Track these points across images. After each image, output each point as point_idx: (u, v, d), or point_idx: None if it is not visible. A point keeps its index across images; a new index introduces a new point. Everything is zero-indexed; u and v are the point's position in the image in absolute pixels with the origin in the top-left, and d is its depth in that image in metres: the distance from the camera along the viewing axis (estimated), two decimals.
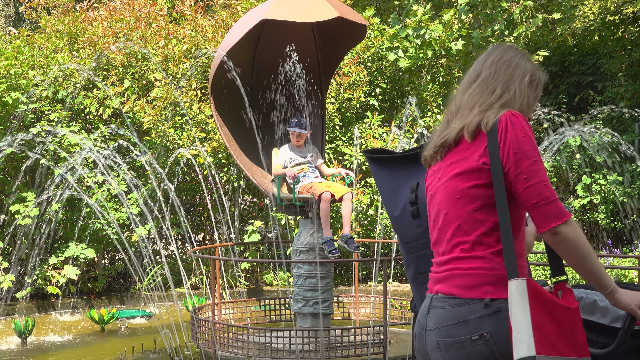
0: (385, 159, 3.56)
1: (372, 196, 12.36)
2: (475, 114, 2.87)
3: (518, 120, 2.80)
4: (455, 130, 2.90)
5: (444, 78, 13.70)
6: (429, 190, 3.06)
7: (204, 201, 13.15)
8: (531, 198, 2.76)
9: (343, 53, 8.85)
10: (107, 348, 9.54)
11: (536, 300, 2.69)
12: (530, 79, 2.98)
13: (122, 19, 12.94)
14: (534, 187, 2.75)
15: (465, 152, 2.88)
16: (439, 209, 2.96)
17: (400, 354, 7.82)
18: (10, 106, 11.63)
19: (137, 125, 12.21)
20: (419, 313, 2.98)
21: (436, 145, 2.97)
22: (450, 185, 2.90)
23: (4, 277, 11.02)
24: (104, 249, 12.73)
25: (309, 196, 7.88)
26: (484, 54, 3.06)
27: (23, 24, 24.23)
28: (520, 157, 2.76)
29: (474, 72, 3.02)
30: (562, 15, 12.64)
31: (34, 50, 12.54)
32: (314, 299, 7.91)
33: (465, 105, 2.94)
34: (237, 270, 12.24)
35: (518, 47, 3.26)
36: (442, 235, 2.94)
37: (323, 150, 8.63)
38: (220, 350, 7.64)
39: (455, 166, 2.90)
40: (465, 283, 2.82)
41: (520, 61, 3.00)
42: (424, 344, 2.91)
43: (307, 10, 7.52)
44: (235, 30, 7.89)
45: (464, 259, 2.85)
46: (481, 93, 2.93)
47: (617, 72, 13.58)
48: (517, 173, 2.76)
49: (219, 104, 8.18)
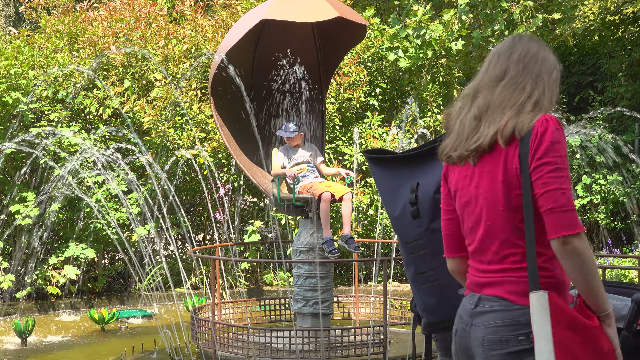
0: (385, 159, 3.55)
1: (372, 196, 12.36)
2: (509, 117, 2.80)
3: (550, 126, 2.74)
4: (489, 135, 2.82)
5: (444, 78, 13.70)
6: (460, 195, 2.98)
7: (204, 201, 13.15)
8: (547, 203, 2.71)
9: (343, 53, 8.84)
10: (107, 348, 9.54)
11: (558, 316, 2.68)
12: (556, 74, 2.93)
13: (122, 19, 12.94)
14: (551, 193, 2.71)
15: (500, 158, 2.82)
16: (478, 218, 2.90)
17: (400, 354, 7.82)
18: (10, 106, 11.63)
19: (137, 125, 12.21)
20: (463, 311, 2.94)
21: (469, 149, 2.88)
22: (490, 195, 2.85)
23: (3, 277, 11.02)
24: (104, 249, 12.73)
25: (309, 196, 7.88)
26: (504, 48, 2.97)
27: (23, 24, 24.23)
28: (543, 162, 2.72)
29: (500, 68, 2.92)
30: (562, 15, 12.64)
31: (34, 50, 12.54)
32: (314, 299, 7.91)
33: (495, 104, 2.86)
34: (237, 270, 12.24)
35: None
36: (486, 246, 2.89)
37: (323, 150, 8.63)
38: (220, 350, 7.64)
39: (492, 174, 2.84)
40: (520, 290, 2.79)
41: (546, 54, 2.93)
42: (468, 339, 2.88)
43: (307, 10, 7.51)
44: (235, 30, 7.88)
45: (516, 270, 2.81)
46: (512, 92, 2.85)
47: (617, 72, 13.58)
48: (536, 177, 2.73)
49: (219, 104, 8.17)
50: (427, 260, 3.38)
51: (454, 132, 2.97)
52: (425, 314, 3.45)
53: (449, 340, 3.50)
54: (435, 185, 3.33)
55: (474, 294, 2.92)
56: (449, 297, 3.36)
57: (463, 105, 2.97)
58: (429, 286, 3.40)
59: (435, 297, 3.39)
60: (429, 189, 3.35)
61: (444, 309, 3.38)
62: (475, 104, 2.92)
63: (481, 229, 2.90)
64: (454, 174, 3.03)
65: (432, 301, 3.40)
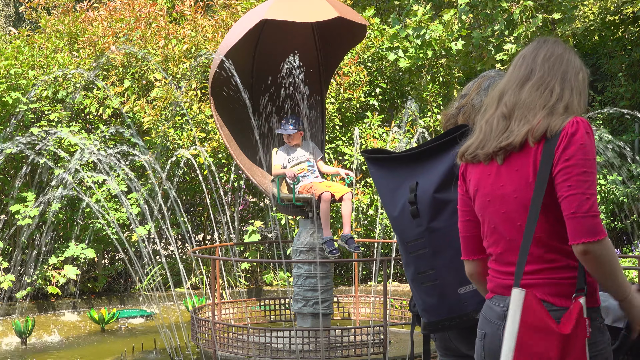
0: (384, 159, 3.55)
1: (372, 196, 12.36)
2: (542, 118, 2.76)
3: (581, 128, 2.71)
4: (521, 134, 2.77)
5: (444, 78, 13.70)
6: (483, 195, 2.94)
7: (204, 201, 13.15)
8: (569, 207, 2.68)
9: (343, 53, 8.84)
10: (107, 348, 9.55)
11: (528, 317, 2.66)
12: (583, 75, 2.91)
13: (122, 19, 12.94)
14: (575, 197, 2.67)
15: (529, 157, 2.78)
16: (506, 218, 2.86)
17: (400, 354, 7.82)
18: (10, 106, 11.63)
19: (137, 125, 12.21)
20: (491, 314, 2.91)
21: (499, 146, 2.83)
22: (520, 195, 2.81)
23: (4, 277, 11.03)
24: (104, 249, 12.73)
25: (309, 196, 7.88)
26: (529, 50, 2.93)
27: (23, 24, 24.23)
28: (570, 165, 2.68)
29: (525, 69, 2.89)
30: (562, 16, 12.64)
31: (34, 50, 12.54)
32: (314, 299, 7.91)
33: (524, 104, 2.82)
34: (237, 270, 12.24)
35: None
36: (514, 245, 2.84)
37: (323, 149, 8.63)
38: (220, 350, 7.65)
39: (522, 173, 2.80)
40: (559, 292, 2.75)
41: (571, 57, 2.91)
42: (499, 342, 2.79)
43: (307, 10, 7.51)
44: (235, 30, 7.88)
45: (551, 270, 2.78)
46: (540, 93, 2.81)
47: (617, 72, 13.58)
48: (563, 179, 2.70)
49: (219, 104, 8.17)
50: (427, 260, 3.38)
51: (479, 131, 2.93)
52: (425, 314, 3.45)
53: (448, 340, 3.51)
54: (434, 185, 3.33)
55: (503, 297, 2.87)
56: (448, 297, 3.35)
57: (488, 106, 2.93)
58: (428, 286, 3.40)
59: (435, 297, 3.38)
60: (429, 188, 3.35)
61: (443, 309, 3.37)
62: (501, 103, 2.88)
63: (509, 230, 2.86)
64: (474, 173, 2.97)
65: (432, 301, 3.39)
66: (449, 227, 3.24)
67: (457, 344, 3.44)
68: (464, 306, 3.30)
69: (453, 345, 3.48)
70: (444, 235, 3.30)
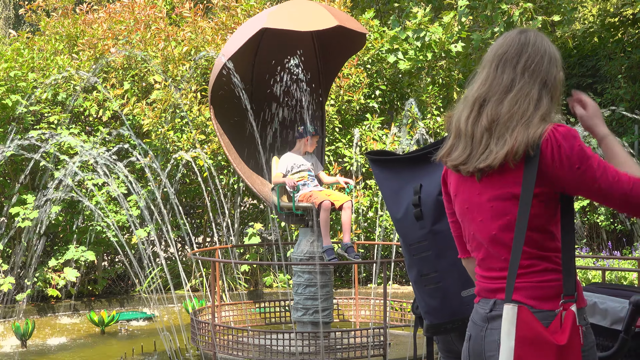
0: (388, 161, 3.55)
1: (372, 198, 12.36)
2: (519, 135, 2.75)
3: (564, 132, 2.73)
4: (499, 157, 2.77)
5: (443, 80, 13.70)
6: (461, 201, 2.95)
7: (204, 203, 13.14)
8: (615, 198, 2.72)
9: (343, 61, 8.83)
10: (107, 350, 9.54)
11: (523, 331, 2.67)
12: (561, 76, 2.91)
13: (121, 21, 12.94)
14: (612, 186, 2.70)
15: (510, 174, 2.79)
16: (484, 227, 2.87)
17: (400, 356, 7.82)
18: (10, 108, 11.63)
19: (137, 127, 12.21)
20: (476, 316, 2.93)
21: (478, 167, 2.82)
22: (496, 205, 2.82)
23: (3, 279, 11.02)
24: (104, 251, 12.72)
25: (308, 205, 7.88)
26: (511, 52, 2.89)
27: (23, 27, 24.24)
28: (585, 167, 2.70)
29: (507, 76, 2.86)
30: (561, 17, 12.65)
31: (33, 52, 12.54)
32: (313, 308, 7.92)
33: (503, 120, 2.81)
34: (237, 272, 12.24)
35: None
36: (496, 254, 2.86)
37: (323, 158, 8.63)
38: (220, 353, 7.64)
39: (499, 184, 2.82)
40: (539, 295, 2.77)
41: (552, 57, 2.89)
42: (482, 343, 2.85)
43: (307, 19, 7.50)
44: (234, 38, 7.86)
45: (530, 274, 2.79)
46: (519, 106, 2.81)
47: (616, 74, 13.59)
48: (589, 185, 2.71)
49: (219, 112, 8.15)
50: (430, 262, 3.38)
51: (463, 141, 2.90)
52: (428, 316, 3.45)
53: (451, 342, 3.51)
54: (438, 187, 3.33)
55: (487, 299, 2.90)
56: (451, 300, 3.36)
57: (470, 110, 2.90)
58: (431, 288, 3.40)
59: (438, 299, 3.38)
60: (432, 190, 3.35)
61: (446, 311, 3.37)
62: (484, 112, 2.86)
63: (488, 237, 2.87)
64: (454, 178, 2.99)
65: (435, 303, 3.40)
66: None
67: (460, 346, 3.44)
68: (466, 309, 3.29)
69: (455, 347, 3.48)
70: (447, 238, 3.30)
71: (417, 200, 3.38)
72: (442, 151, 2.98)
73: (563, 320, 2.70)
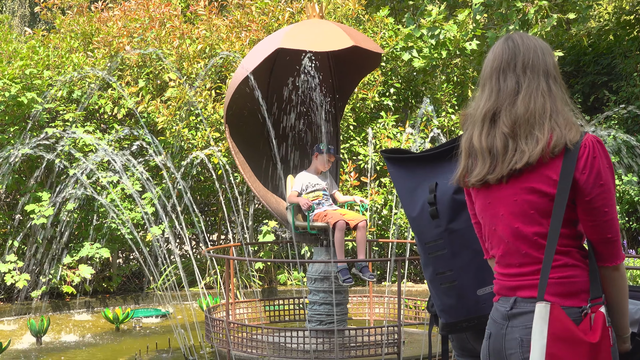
0: (403, 159, 3.54)
1: (386, 196, 12.35)
2: (553, 131, 2.78)
3: (602, 148, 2.78)
4: (535, 154, 2.78)
5: (458, 78, 13.67)
6: (481, 196, 2.96)
7: (218, 201, 13.17)
8: (606, 232, 2.78)
9: (358, 79, 8.81)
10: (122, 347, 9.57)
11: (555, 329, 2.69)
12: (555, 62, 2.93)
13: (136, 19, 12.98)
14: (611, 222, 2.77)
15: (537, 168, 2.81)
16: (504, 222, 2.89)
17: (415, 354, 7.80)
18: (25, 106, 11.68)
19: (152, 125, 12.24)
20: (496, 315, 2.93)
21: (512, 169, 2.82)
22: (520, 199, 2.84)
23: (19, 276, 11.07)
24: (119, 248, 12.77)
25: (323, 224, 7.87)
26: (505, 58, 2.92)
27: (38, 24, 24.33)
28: (606, 189, 2.76)
29: (511, 81, 2.89)
30: (577, 15, 12.60)
31: (49, 50, 12.59)
32: (328, 320, 7.94)
33: (524, 119, 2.82)
34: (251, 270, 12.25)
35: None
36: (516, 249, 2.88)
37: (337, 177, 8.61)
38: (234, 350, 7.65)
39: (524, 180, 2.83)
40: (561, 291, 2.79)
41: (542, 48, 2.93)
42: (503, 341, 2.86)
43: (322, 39, 7.47)
44: (250, 58, 7.82)
45: (553, 269, 2.80)
46: (534, 104, 2.83)
47: (632, 71, 13.52)
48: (600, 205, 2.76)
49: (234, 131, 8.14)
50: (446, 261, 3.37)
51: (480, 158, 2.91)
52: (443, 315, 3.44)
53: (466, 340, 3.50)
54: (454, 186, 3.32)
55: (507, 297, 2.90)
56: (467, 298, 3.35)
57: (481, 127, 2.91)
58: (447, 286, 3.39)
59: (454, 298, 3.38)
60: (448, 189, 3.34)
61: (462, 310, 3.37)
62: (499, 121, 2.87)
63: (510, 231, 2.88)
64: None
65: (451, 301, 3.39)
66: (468, 229, 3.22)
67: (475, 345, 3.44)
68: (482, 307, 3.29)
69: (470, 346, 3.47)
70: (463, 237, 3.30)
71: (432, 198, 3.37)
72: (456, 175, 3.01)
73: (593, 322, 2.72)
